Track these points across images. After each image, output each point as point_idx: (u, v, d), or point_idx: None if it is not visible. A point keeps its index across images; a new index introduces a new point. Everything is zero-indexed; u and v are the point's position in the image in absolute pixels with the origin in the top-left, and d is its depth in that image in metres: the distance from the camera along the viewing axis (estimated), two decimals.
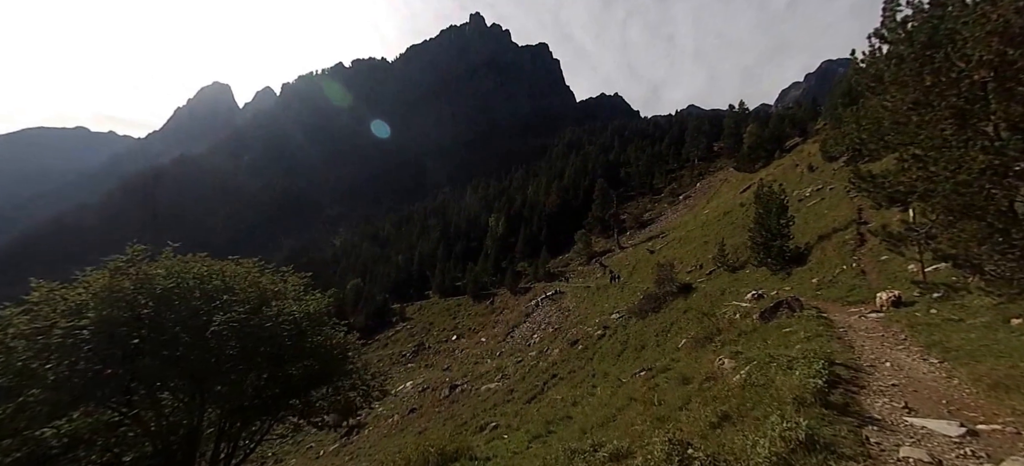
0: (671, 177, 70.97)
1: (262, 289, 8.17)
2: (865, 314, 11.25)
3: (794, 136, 59.33)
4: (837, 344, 7.35)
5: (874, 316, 10.98)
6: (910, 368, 5.87)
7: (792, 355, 6.12)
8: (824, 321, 10.11)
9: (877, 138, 9.21)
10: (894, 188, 9.31)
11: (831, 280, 18.15)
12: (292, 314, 7.80)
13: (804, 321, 10.58)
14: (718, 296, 24.62)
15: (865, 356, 6.63)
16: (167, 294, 7.09)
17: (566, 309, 46.84)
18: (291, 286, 9.37)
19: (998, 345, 5.66)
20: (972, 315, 7.10)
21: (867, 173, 10.03)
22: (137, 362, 6.56)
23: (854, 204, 26.70)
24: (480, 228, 79.52)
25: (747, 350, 9.25)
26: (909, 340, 7.30)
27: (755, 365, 6.86)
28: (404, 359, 55.72)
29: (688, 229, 49.85)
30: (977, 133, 7.16)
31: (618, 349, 27.20)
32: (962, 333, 6.52)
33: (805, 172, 42.42)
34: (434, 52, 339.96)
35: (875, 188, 9.79)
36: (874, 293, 13.54)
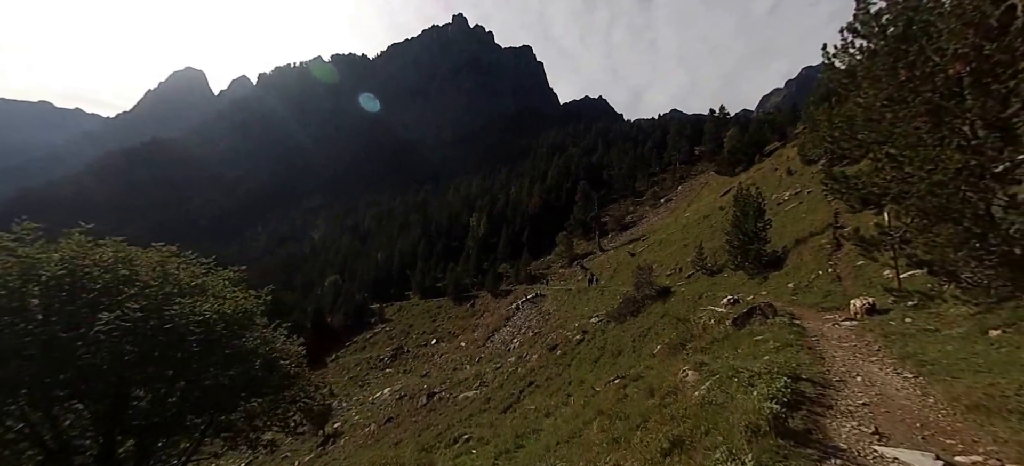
0: (653, 180, 71.21)
1: (174, 283, 7.23)
2: (839, 322, 10.85)
3: (774, 141, 60.06)
4: (807, 355, 6.83)
5: (848, 324, 10.58)
6: (883, 383, 5.35)
7: (755, 370, 5.55)
8: (796, 329, 9.64)
9: (850, 136, 8.79)
10: (868, 189, 8.89)
11: (807, 285, 17.92)
12: (202, 314, 6.87)
13: (776, 329, 10.12)
14: (695, 300, 24.32)
15: (835, 369, 6.11)
16: (58, 282, 6.14)
17: (547, 312, 46.30)
18: (215, 281, 8.41)
19: (976, 359, 5.18)
20: (948, 325, 6.67)
21: (840, 174, 9.61)
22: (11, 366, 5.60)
23: (831, 208, 26.70)
24: (462, 227, 78.57)
25: (714, 361, 8.72)
26: (882, 351, 6.83)
27: (718, 379, 6.30)
28: (382, 363, 54.42)
29: (669, 232, 49.86)
30: (953, 131, 6.74)
31: (596, 354, 26.70)
32: (938, 345, 6.06)
33: (784, 176, 42.75)
34: (416, 51, 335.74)
35: (848, 189, 9.37)
36: (849, 299, 13.22)
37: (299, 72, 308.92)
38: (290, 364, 9.18)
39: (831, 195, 10.22)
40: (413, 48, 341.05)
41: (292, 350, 9.62)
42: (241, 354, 7.25)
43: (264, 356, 7.75)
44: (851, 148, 9.16)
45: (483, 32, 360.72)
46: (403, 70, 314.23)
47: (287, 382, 8.44)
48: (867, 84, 7.95)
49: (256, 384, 7.48)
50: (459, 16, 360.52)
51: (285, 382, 8.41)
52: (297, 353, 9.87)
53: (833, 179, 9.30)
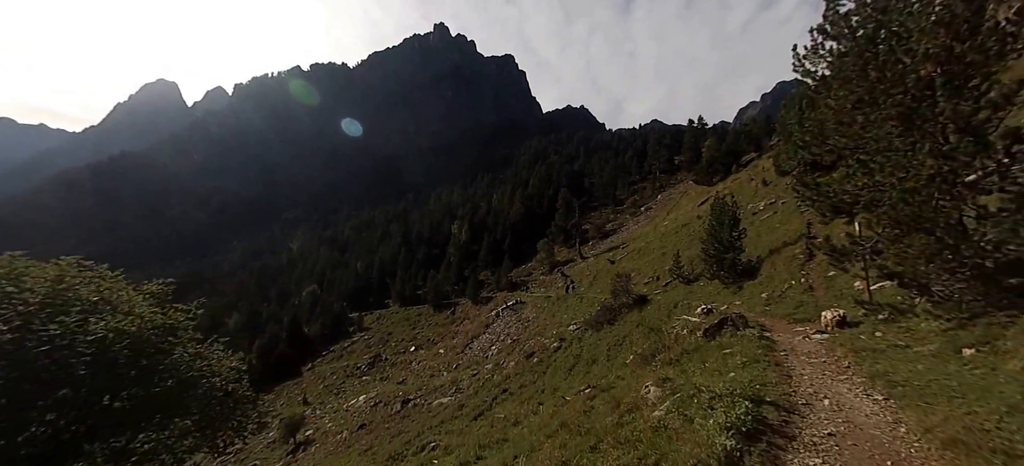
0: (633, 189, 71.57)
1: (65, 300, 6.33)
2: (809, 335, 10.47)
3: (750, 151, 61.05)
4: (774, 372, 6.34)
5: (818, 337, 10.20)
6: (851, 408, 4.86)
7: (717, 390, 5.01)
8: (766, 342, 9.19)
9: (821, 141, 8.45)
10: (839, 197, 8.55)
11: (780, 295, 17.73)
12: (95, 333, 5.98)
13: (745, 341, 9.68)
14: (671, 309, 24.03)
15: (802, 389, 5.62)
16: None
17: (526, 320, 45.68)
18: (127, 296, 7.50)
19: (950, 382, 4.75)
20: (919, 341, 6.29)
21: (812, 181, 9.27)
22: None
23: (804, 218, 26.90)
24: (443, 235, 77.50)
25: (679, 376, 8.21)
26: (852, 368, 6.39)
27: (678, 398, 5.76)
28: (359, 372, 52.87)
29: (648, 240, 49.94)
30: (925, 135, 6.39)
31: (571, 363, 26.21)
32: (909, 363, 5.64)
33: (759, 186, 43.26)
34: (397, 60, 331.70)
35: (819, 197, 9.02)
36: (820, 311, 12.93)
37: (276, 82, 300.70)
38: (222, 381, 8.29)
39: (802, 203, 9.85)
40: (394, 57, 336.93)
41: (227, 366, 8.72)
42: (147, 374, 6.38)
43: (182, 375, 6.89)
44: (822, 153, 8.83)
45: (465, 41, 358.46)
46: (384, 80, 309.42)
47: (214, 401, 7.57)
48: (837, 85, 7.60)
49: (169, 406, 6.62)
50: (441, 25, 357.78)
51: (212, 401, 7.54)
52: (232, 369, 8.97)
53: (804, 186, 8.92)
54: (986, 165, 6.21)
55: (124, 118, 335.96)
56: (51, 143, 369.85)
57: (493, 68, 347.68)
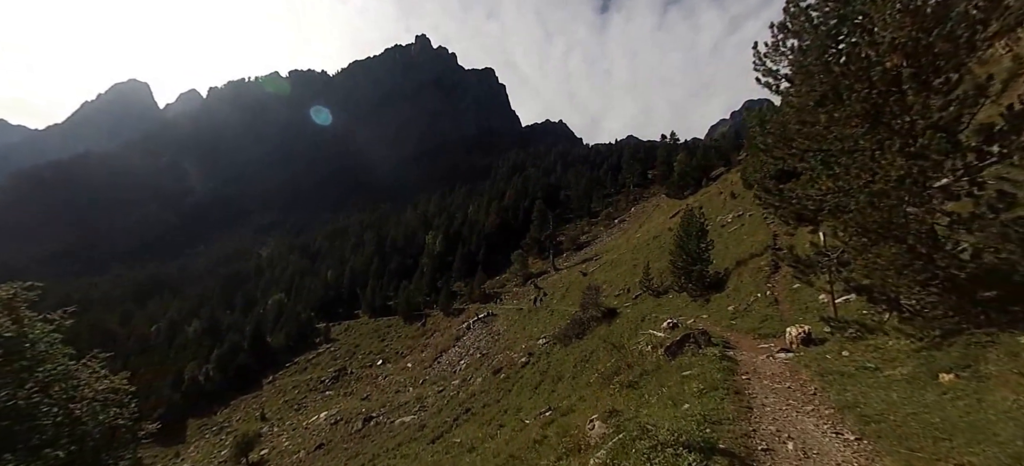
0: (608, 201, 71.74)
1: None
2: (774, 353, 9.78)
3: (719, 166, 62.13)
4: (732, 404, 5.50)
5: (783, 356, 9.49)
6: (819, 454, 4.01)
7: (661, 438, 4.08)
8: (728, 363, 8.40)
9: (784, 143, 7.79)
10: (802, 203, 7.88)
11: (746, 308, 17.26)
12: None
13: (706, 362, 8.87)
14: (639, 323, 23.37)
15: (763, 426, 4.78)
16: None
17: (497, 333, 44.47)
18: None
19: (930, 416, 3.99)
20: (891, 363, 5.60)
21: (774, 187, 8.62)
22: None
23: (770, 229, 26.89)
24: (418, 245, 75.64)
25: (631, 404, 7.32)
26: (819, 396, 5.62)
27: (619, 442, 4.81)
28: (322, 386, 50.40)
29: (620, 252, 49.74)
30: (893, 133, 5.74)
31: (537, 380, 25.19)
32: (882, 390, 4.90)
33: (728, 199, 43.70)
34: (378, 69, 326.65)
35: (782, 204, 8.35)
36: (785, 326, 12.34)
37: (253, 87, 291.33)
38: (83, 405, 6.90)
39: (766, 210, 9.15)
40: (375, 66, 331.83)
41: (97, 389, 7.32)
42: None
43: (15, 403, 5.52)
44: (785, 157, 8.20)
45: (446, 53, 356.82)
46: (364, 87, 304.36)
47: (66, 430, 6.19)
48: (799, 79, 6.93)
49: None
50: (423, 37, 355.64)
51: (64, 430, 6.16)
52: (112, 393, 7.56)
53: (766, 192, 8.22)
54: (956, 167, 5.56)
55: (91, 116, 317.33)
56: (11, 139, 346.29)
57: (474, 80, 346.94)
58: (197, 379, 47.71)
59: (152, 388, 45.82)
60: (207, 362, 49.53)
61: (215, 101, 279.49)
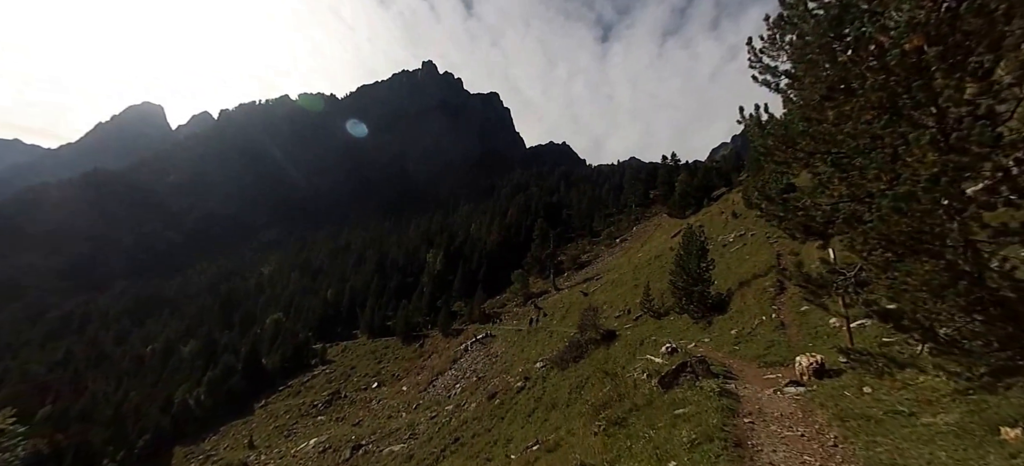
0: (610, 221, 70.67)
1: None
2: (782, 387, 8.57)
3: (721, 187, 61.12)
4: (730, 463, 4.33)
5: (793, 391, 8.29)
6: None
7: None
8: (727, 401, 7.24)
9: (786, 145, 6.80)
10: (810, 213, 6.85)
11: (750, 332, 15.99)
12: None
13: (704, 398, 7.71)
14: (637, 346, 22.06)
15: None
16: None
17: (494, 355, 43.06)
18: None
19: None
20: (927, 406, 4.48)
21: (776, 195, 7.56)
22: None
23: (774, 248, 25.69)
24: (419, 263, 74.63)
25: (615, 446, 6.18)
26: (842, 449, 4.50)
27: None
28: (315, 410, 48.82)
29: (622, 272, 48.46)
30: (915, 125, 4.73)
31: (531, 407, 23.80)
32: (923, 446, 3.79)
33: (729, 219, 42.55)
34: (385, 93, 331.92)
35: (787, 214, 7.29)
36: (794, 353, 11.11)
37: (264, 108, 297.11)
38: None
39: (768, 221, 8.10)
40: (382, 90, 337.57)
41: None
42: None
43: None
44: (788, 160, 7.18)
45: (452, 78, 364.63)
46: (372, 110, 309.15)
47: None
48: (802, 72, 5.96)
49: None
50: (429, 62, 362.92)
51: None
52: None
53: (768, 200, 7.17)
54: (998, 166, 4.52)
55: (104, 137, 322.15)
56: (26, 158, 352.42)
57: (479, 103, 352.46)
58: (187, 403, 46.36)
59: (140, 412, 44.53)
60: (198, 385, 48.22)
61: (224, 123, 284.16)
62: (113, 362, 55.55)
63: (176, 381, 49.41)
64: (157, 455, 43.68)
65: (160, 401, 45.83)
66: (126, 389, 49.26)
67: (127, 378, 49.92)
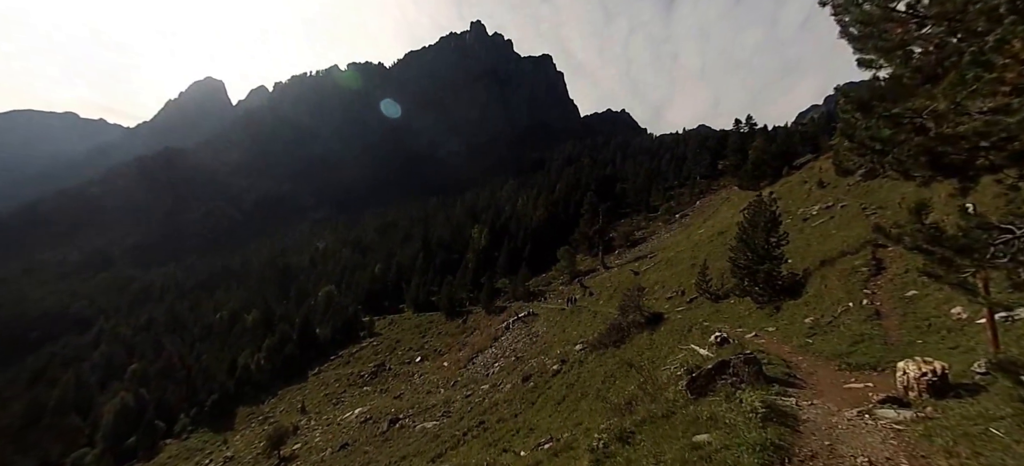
0: (670, 195, 64.93)
1: None
2: (873, 406, 5.64)
3: (805, 153, 53.17)
4: None
5: (891, 415, 5.35)
6: None
7: None
8: (776, 431, 4.56)
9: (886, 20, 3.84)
10: (946, 137, 3.97)
11: (830, 322, 12.45)
12: None
13: (740, 421, 5.08)
14: (685, 332, 18.94)
15: None
16: None
17: (535, 334, 41.35)
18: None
19: None
20: None
21: (884, 109, 4.56)
22: None
23: (871, 222, 20.87)
24: (464, 239, 74.27)
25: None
26: None
27: None
28: (362, 381, 50.44)
29: (679, 250, 44.15)
30: None
31: (562, 393, 21.69)
32: None
33: (813, 189, 36.54)
34: (433, 59, 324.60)
35: (898, 136, 4.36)
36: (893, 354, 7.85)
37: (314, 81, 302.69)
38: None
39: (858, 155, 5.11)
40: (430, 55, 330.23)
41: None
42: None
43: None
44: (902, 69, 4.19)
45: (501, 40, 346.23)
46: (420, 78, 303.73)
47: None
48: None
49: None
50: (477, 23, 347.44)
51: None
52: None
53: (857, 107, 4.27)
54: None
55: (174, 114, 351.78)
56: (109, 137, 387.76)
57: (529, 68, 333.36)
58: (249, 367, 49.80)
59: (209, 374, 48.42)
60: (259, 351, 51.61)
61: (278, 96, 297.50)
62: (187, 328, 61.68)
63: (239, 346, 53.40)
64: (224, 413, 47.40)
65: (226, 364, 49.67)
66: (198, 352, 54.36)
67: (198, 343, 55.06)
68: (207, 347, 55.28)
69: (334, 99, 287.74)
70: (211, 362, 50.19)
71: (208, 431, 46.30)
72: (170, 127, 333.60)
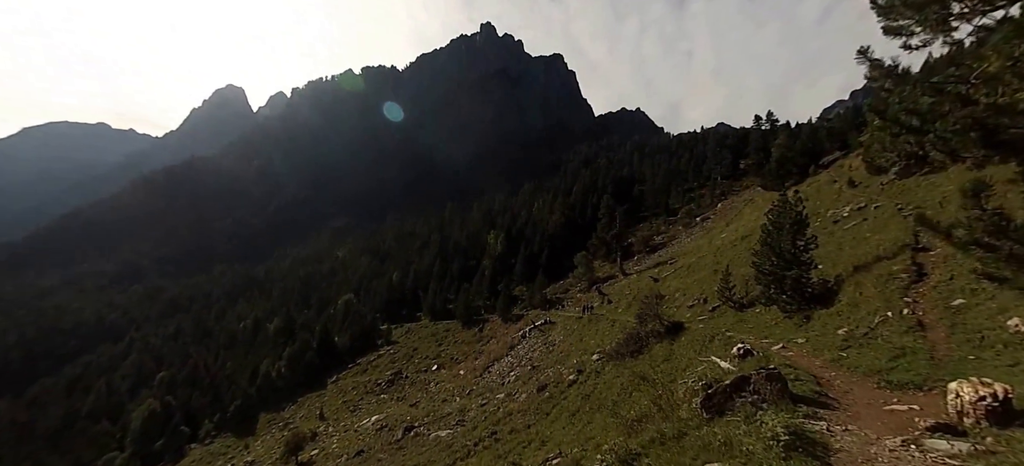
0: (689, 197, 63.09)
1: None
2: (918, 436, 4.80)
3: (833, 151, 50.74)
4: None
5: (942, 447, 4.55)
6: None
7: None
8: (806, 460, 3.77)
9: None
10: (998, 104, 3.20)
11: (867, 333, 11.37)
12: None
13: (759, 449, 4.33)
14: (705, 344, 17.91)
15: None
16: None
17: (551, 343, 40.49)
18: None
19: None
20: None
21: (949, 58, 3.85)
22: None
23: (908, 223, 19.47)
24: (481, 245, 74.00)
25: None
26: None
27: None
28: (378, 389, 50.55)
29: (700, 255, 42.64)
30: None
31: (577, 404, 20.90)
32: None
33: (844, 188, 34.66)
34: (444, 61, 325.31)
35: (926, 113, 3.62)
36: (941, 372, 6.93)
37: (331, 86, 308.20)
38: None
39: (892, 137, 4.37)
40: (441, 58, 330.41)
41: None
42: None
43: None
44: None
45: (512, 41, 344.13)
46: (432, 81, 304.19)
47: None
48: None
49: None
50: (487, 25, 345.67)
51: None
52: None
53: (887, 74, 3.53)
54: None
55: (198, 123, 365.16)
56: (139, 146, 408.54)
57: (541, 68, 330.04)
58: (270, 375, 50.54)
59: (232, 381, 49.30)
60: (280, 359, 52.36)
61: (297, 102, 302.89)
62: (213, 337, 63.30)
63: (261, 354, 54.31)
64: (246, 419, 48.15)
65: (248, 372, 50.55)
66: (223, 360, 55.61)
67: (223, 351, 56.34)
68: (231, 355, 56.51)
69: (350, 103, 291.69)
70: (235, 370, 51.22)
71: (231, 436, 47.16)
72: (195, 135, 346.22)
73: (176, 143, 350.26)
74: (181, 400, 48.25)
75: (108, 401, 62.22)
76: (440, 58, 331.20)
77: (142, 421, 47.70)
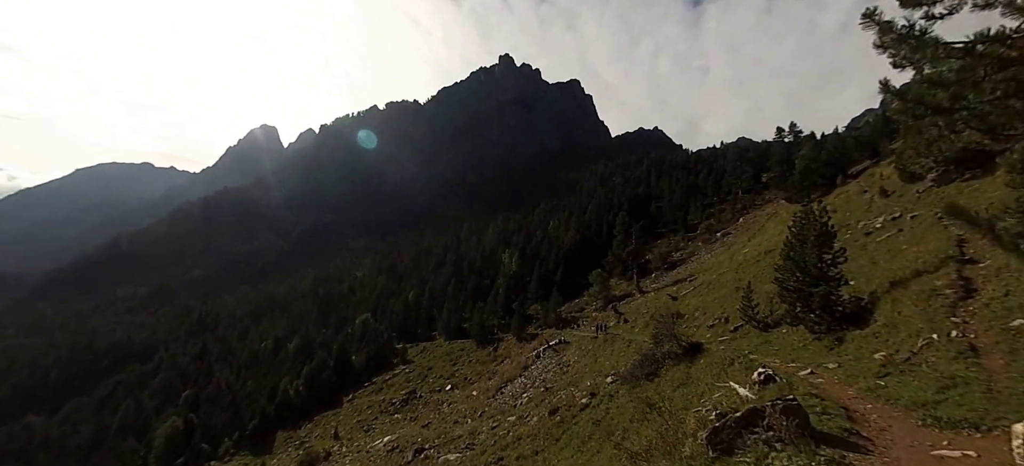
0: (709, 212, 61.04)
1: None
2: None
3: (862, 160, 48.26)
4: None
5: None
6: None
7: None
8: None
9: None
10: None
11: (909, 358, 10.04)
12: None
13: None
14: (726, 367, 16.56)
15: None
16: None
17: (566, 363, 39.20)
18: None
19: None
20: None
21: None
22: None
23: (949, 233, 17.86)
24: (495, 265, 73.33)
25: None
26: None
27: None
28: (392, 408, 49.92)
29: (721, 272, 40.86)
30: None
31: (589, 430, 19.68)
32: None
33: (875, 198, 32.64)
34: (464, 93, 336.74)
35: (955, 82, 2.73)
36: (1003, 408, 5.81)
37: (355, 122, 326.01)
38: None
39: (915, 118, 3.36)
40: (461, 89, 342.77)
41: None
42: None
43: None
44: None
45: (529, 70, 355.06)
46: (452, 112, 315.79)
47: None
48: None
49: None
50: (506, 56, 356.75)
51: None
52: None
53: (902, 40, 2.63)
54: None
55: (233, 159, 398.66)
56: (178, 182, 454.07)
57: (557, 93, 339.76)
58: (288, 393, 50.59)
59: (252, 400, 49.51)
60: (297, 378, 52.46)
61: (323, 138, 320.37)
62: (236, 355, 64.20)
63: (280, 373, 54.57)
64: (264, 437, 48.17)
65: (267, 391, 50.73)
66: (244, 379, 56.16)
67: (244, 370, 56.89)
68: (252, 373, 57.01)
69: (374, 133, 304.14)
70: (255, 388, 51.52)
71: (248, 454, 47.15)
72: (230, 170, 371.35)
73: (212, 178, 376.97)
74: (203, 418, 48.75)
75: (136, 419, 63.46)
76: (460, 90, 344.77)
77: (165, 439, 48.32)
